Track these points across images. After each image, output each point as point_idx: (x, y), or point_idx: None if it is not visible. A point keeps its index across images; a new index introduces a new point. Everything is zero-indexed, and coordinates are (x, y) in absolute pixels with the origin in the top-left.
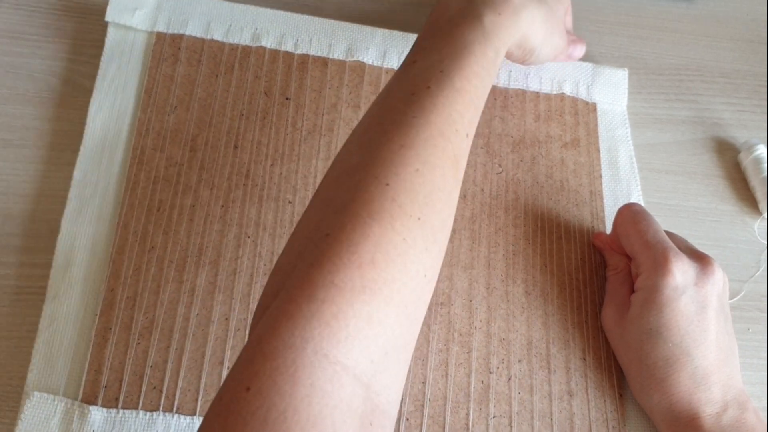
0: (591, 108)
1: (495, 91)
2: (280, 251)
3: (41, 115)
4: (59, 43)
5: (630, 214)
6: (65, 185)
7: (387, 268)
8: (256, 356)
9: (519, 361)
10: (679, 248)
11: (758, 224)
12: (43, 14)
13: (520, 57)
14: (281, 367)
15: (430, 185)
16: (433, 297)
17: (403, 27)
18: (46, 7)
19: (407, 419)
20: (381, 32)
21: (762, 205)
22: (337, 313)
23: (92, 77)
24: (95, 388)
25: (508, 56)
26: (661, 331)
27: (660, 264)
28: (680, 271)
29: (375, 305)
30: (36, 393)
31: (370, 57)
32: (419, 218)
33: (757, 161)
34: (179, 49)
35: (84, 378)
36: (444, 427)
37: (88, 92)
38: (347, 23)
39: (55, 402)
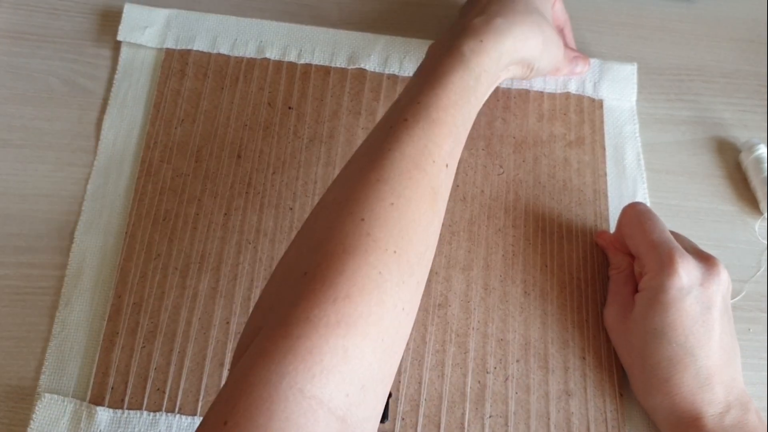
0: (597, 105)
1: (497, 92)
2: (279, 256)
3: (41, 115)
4: (59, 43)
5: (635, 213)
6: (65, 185)
7: (362, 302)
8: (234, 392)
9: (517, 361)
10: (684, 248)
11: (759, 224)
12: (43, 14)
13: (523, 74)
14: (257, 401)
15: (405, 219)
16: (430, 299)
17: (404, 28)
18: (46, 7)
19: (403, 419)
20: (383, 39)
21: (763, 205)
22: (311, 348)
23: (92, 77)
24: (102, 390)
25: (512, 76)
26: (665, 331)
27: (666, 264)
28: (686, 272)
29: (351, 339)
30: (46, 395)
31: (371, 64)
32: (395, 252)
33: (758, 161)
34: (187, 64)
35: (92, 380)
36: (439, 427)
37: (87, 92)
38: (350, 32)
39: (65, 403)
